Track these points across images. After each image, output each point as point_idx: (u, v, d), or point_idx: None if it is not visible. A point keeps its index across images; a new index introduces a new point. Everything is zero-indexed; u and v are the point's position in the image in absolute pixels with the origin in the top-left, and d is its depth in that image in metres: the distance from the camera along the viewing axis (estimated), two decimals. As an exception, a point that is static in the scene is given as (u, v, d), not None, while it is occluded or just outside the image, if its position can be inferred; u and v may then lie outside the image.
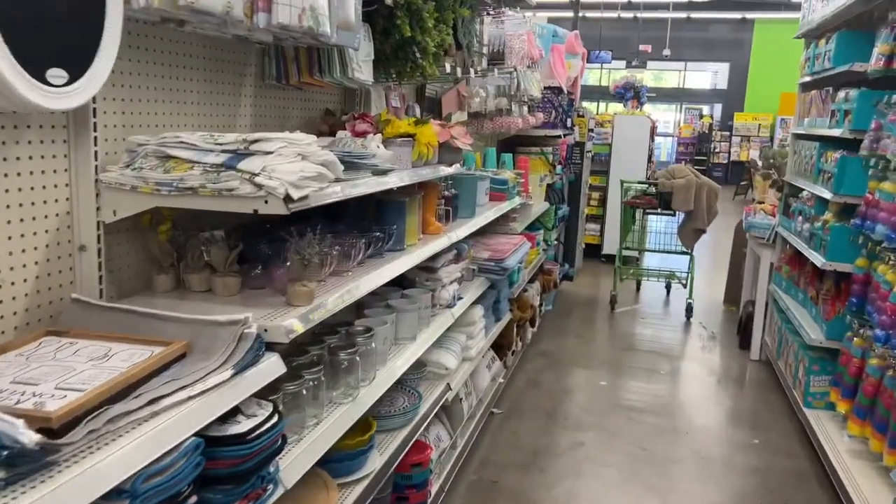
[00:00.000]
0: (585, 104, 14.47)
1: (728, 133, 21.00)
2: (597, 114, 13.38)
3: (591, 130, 7.21)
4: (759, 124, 20.69)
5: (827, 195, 3.88)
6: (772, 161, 6.98)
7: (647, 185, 6.46)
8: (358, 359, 2.08)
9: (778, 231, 5.05)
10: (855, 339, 3.59)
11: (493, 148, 4.59)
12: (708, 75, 22.23)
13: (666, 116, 22.62)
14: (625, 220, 6.64)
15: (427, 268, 2.79)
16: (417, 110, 3.45)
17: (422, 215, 2.65)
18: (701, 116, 21.92)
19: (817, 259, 3.89)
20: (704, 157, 21.04)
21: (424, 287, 2.79)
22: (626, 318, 6.42)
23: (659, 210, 6.43)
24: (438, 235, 2.71)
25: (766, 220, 5.35)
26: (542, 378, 4.76)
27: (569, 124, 6.11)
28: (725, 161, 21.00)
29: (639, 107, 12.42)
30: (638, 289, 7.42)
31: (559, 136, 5.73)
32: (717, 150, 21.12)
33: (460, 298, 3.00)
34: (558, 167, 5.71)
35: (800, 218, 4.48)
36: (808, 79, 4.79)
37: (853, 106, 3.64)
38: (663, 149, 22.26)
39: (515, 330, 4.35)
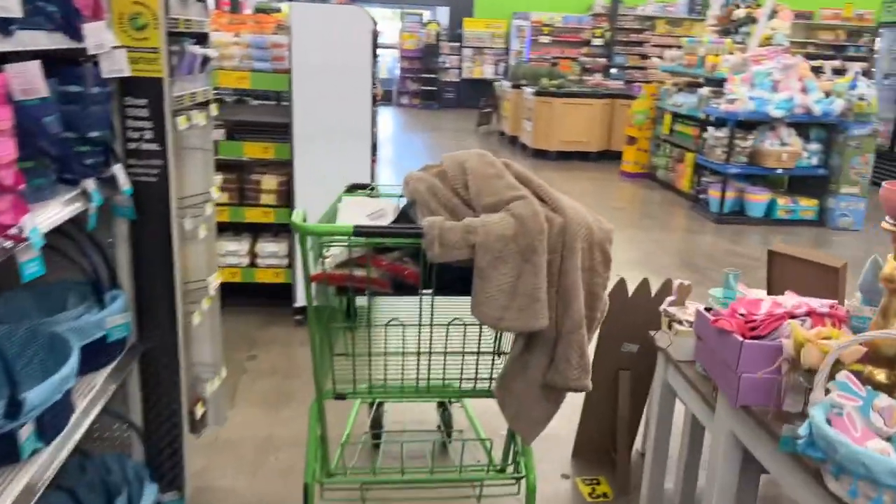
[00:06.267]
0: (282, 6, 9.35)
1: (458, 44, 17.27)
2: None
3: (196, 40, 2.35)
4: (493, 33, 17.25)
5: None
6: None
7: (388, 229, 1.89)
8: None
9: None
10: None
11: None
12: (429, -29, 18.10)
13: (382, 26, 18.19)
14: (319, 325, 2.05)
15: None
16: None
17: None
18: (425, 24, 17.86)
19: None
20: (433, 75, 17.15)
21: None
22: None
23: (426, 291, 1.97)
24: None
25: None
26: None
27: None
28: (457, 79, 17.35)
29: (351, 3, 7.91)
30: (376, 425, 2.99)
31: None
32: (446, 65, 17.34)
33: None
34: None
35: None
36: None
37: None
38: (382, 66, 17.91)
39: None
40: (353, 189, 2.66)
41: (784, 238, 6.77)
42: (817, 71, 7.38)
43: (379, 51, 4.83)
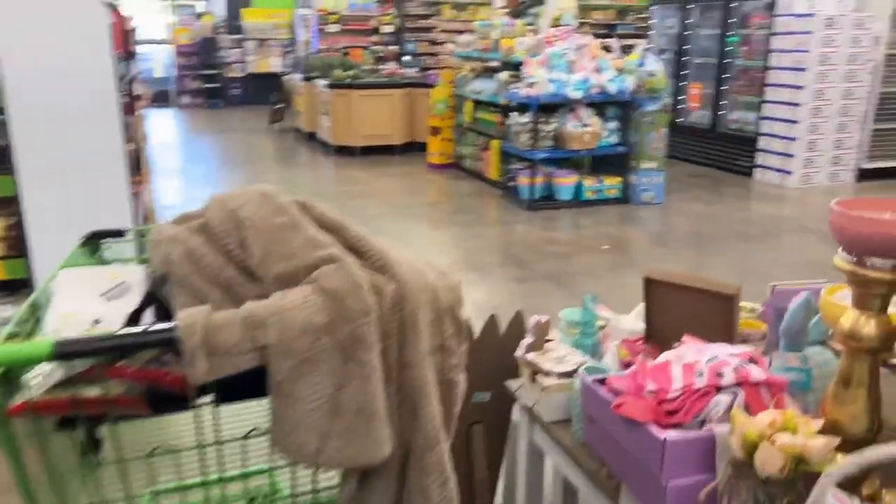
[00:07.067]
0: None
1: (239, 36, 16.02)
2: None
3: None
4: (275, 23, 16.21)
5: None
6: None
7: (114, 341, 1.20)
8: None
9: None
10: None
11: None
12: (198, -42, 16.62)
13: (153, 20, 16.41)
14: (47, 469, 1.33)
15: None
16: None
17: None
18: (199, 15, 16.37)
19: None
20: (216, 71, 15.79)
21: None
22: None
23: (204, 401, 1.32)
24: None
25: None
26: None
27: None
28: (242, 74, 16.10)
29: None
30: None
31: None
32: (228, 59, 16.02)
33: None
34: None
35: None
36: None
37: None
38: (157, 64, 16.15)
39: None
40: (94, 241, 1.89)
41: (593, 218, 6.76)
42: (606, 49, 7.46)
43: (144, 47, 3.94)
